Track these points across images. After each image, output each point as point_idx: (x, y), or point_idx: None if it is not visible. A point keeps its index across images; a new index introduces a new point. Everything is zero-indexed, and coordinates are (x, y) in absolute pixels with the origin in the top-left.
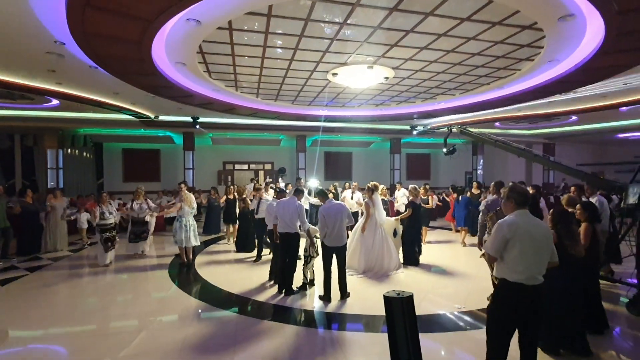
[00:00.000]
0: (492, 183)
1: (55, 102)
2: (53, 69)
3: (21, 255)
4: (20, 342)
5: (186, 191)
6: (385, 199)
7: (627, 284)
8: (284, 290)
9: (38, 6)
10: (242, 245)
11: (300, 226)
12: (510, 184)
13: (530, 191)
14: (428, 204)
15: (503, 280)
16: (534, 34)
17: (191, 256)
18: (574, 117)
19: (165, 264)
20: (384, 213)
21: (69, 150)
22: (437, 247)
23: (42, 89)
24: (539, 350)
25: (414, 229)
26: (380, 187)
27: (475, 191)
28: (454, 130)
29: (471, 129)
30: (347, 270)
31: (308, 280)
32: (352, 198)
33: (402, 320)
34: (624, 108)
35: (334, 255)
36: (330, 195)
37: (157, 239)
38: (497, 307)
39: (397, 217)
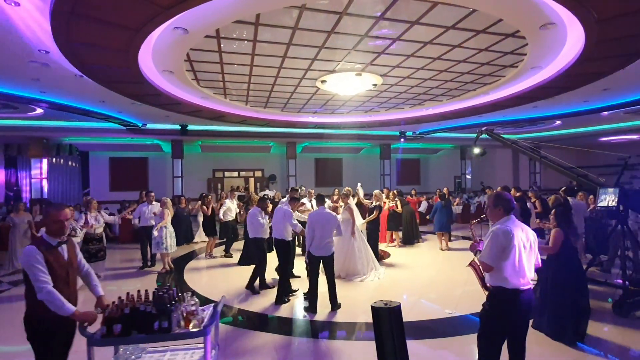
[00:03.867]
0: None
1: (39, 110)
2: (37, 78)
3: None
4: None
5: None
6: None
7: (614, 285)
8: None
9: (20, 15)
10: (247, 258)
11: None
12: (491, 191)
13: (517, 194)
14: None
15: (499, 288)
16: (517, 42)
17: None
18: (558, 122)
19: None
20: (360, 217)
21: (54, 160)
22: (420, 251)
23: (26, 98)
24: (546, 337)
25: (377, 231)
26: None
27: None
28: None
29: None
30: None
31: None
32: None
33: (390, 331)
34: (605, 113)
35: (322, 266)
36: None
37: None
38: (494, 314)
39: (364, 221)
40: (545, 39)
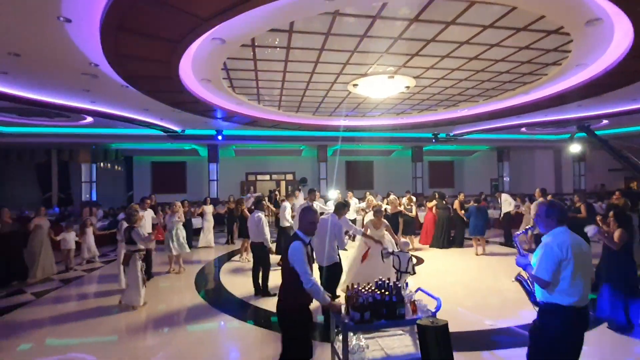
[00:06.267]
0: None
1: (89, 119)
2: (88, 89)
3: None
4: None
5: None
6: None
7: None
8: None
9: (74, 31)
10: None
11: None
12: (542, 200)
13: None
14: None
15: (554, 305)
16: (560, 39)
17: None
18: (605, 121)
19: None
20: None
21: (102, 164)
22: (455, 256)
23: (78, 108)
24: (610, 331)
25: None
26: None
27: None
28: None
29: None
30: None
31: None
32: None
33: (437, 351)
34: None
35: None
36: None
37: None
38: (547, 335)
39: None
40: (590, 35)
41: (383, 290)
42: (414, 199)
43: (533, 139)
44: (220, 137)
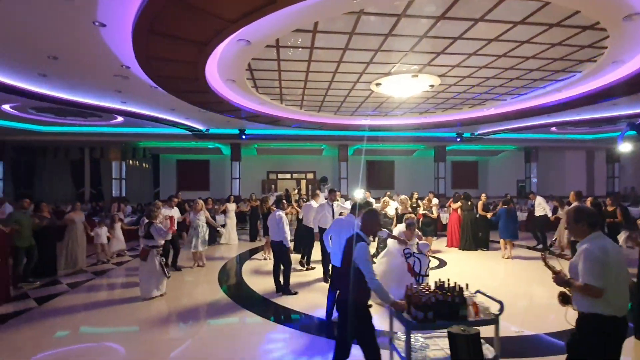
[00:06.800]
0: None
1: (120, 118)
2: (119, 90)
3: (35, 277)
4: None
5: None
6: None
7: None
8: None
9: (108, 35)
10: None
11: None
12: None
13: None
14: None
15: (594, 315)
16: (596, 34)
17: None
18: None
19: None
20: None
21: (130, 162)
22: (482, 259)
23: (110, 108)
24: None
25: None
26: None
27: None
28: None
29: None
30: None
31: None
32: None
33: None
34: None
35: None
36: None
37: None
38: (589, 349)
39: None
40: (628, 30)
41: (445, 291)
42: (436, 200)
43: (563, 138)
44: (243, 137)
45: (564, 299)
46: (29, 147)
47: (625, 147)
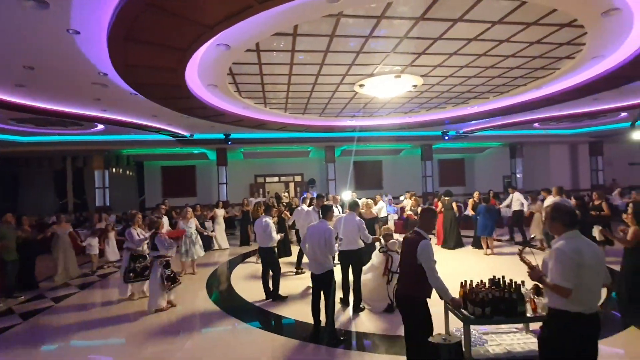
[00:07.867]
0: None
1: (101, 126)
2: (98, 98)
3: (19, 291)
4: None
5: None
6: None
7: None
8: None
9: (83, 43)
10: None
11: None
12: (555, 201)
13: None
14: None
15: (561, 311)
16: (574, 31)
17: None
18: (624, 114)
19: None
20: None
21: (114, 170)
22: (463, 256)
23: (90, 116)
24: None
25: None
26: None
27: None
28: None
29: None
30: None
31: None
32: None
33: None
34: None
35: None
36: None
37: None
38: (557, 344)
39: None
40: (607, 26)
41: (501, 287)
42: (419, 200)
43: (547, 134)
44: (229, 142)
45: (537, 292)
46: (13, 159)
47: (637, 135)
